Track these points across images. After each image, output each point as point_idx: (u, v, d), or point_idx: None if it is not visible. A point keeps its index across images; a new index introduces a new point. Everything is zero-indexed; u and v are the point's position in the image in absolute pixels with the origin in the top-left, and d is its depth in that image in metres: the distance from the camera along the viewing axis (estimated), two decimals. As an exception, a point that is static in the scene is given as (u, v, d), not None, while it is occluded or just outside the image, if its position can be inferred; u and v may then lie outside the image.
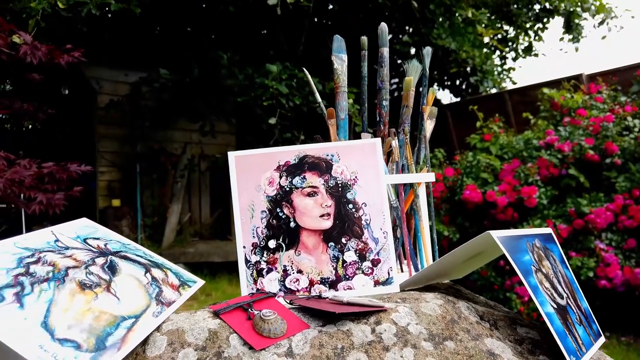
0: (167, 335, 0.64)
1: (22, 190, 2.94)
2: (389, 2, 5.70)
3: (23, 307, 0.56)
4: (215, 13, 5.83)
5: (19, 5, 3.81)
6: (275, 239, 0.81)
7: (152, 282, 0.72)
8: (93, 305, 0.61)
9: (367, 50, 1.13)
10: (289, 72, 5.25)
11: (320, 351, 0.64)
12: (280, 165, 0.83)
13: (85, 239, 0.75)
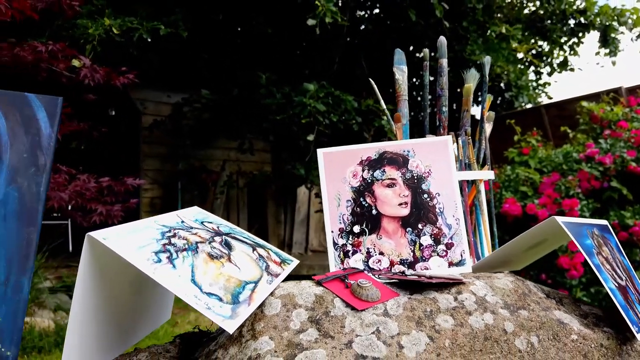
0: (280, 298, 0.76)
1: (84, 202, 3.15)
2: (422, 21, 5.83)
3: (175, 267, 0.69)
4: (253, 35, 6.08)
5: (77, 32, 4.10)
6: (359, 224, 0.92)
7: (260, 258, 0.84)
8: (222, 271, 0.74)
9: (428, 61, 1.25)
10: (325, 91, 5.41)
11: (412, 313, 0.74)
12: (362, 160, 0.95)
13: (202, 222, 0.87)
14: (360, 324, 0.72)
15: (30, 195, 1.16)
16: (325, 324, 0.72)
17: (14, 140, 1.20)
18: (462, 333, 0.72)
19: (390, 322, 0.72)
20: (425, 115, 1.24)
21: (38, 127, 1.25)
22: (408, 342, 0.70)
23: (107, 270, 0.71)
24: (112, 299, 0.75)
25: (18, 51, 3.38)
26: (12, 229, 1.09)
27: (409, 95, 1.25)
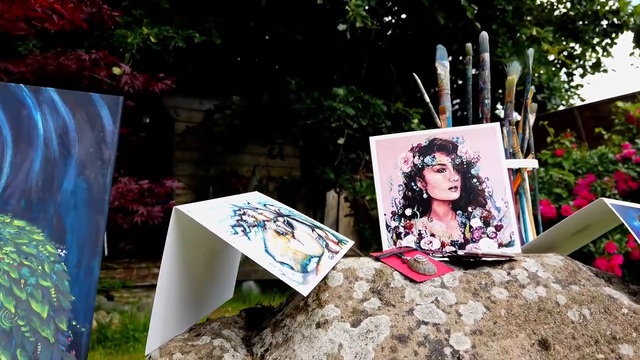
0: (342, 272, 0.81)
1: (127, 203, 3.28)
2: (451, 24, 5.85)
3: (250, 239, 0.75)
4: (283, 42, 6.20)
5: (117, 41, 4.28)
6: (411, 207, 0.97)
7: (319, 237, 0.89)
8: (289, 245, 0.80)
9: (471, 55, 1.29)
10: (354, 95, 5.47)
11: (468, 285, 0.78)
12: (413, 147, 1.00)
13: (265, 204, 0.94)
14: (420, 295, 0.77)
15: (97, 186, 1.25)
16: (386, 294, 0.77)
17: (81, 136, 1.30)
18: (517, 304, 0.76)
19: (448, 293, 0.77)
20: (469, 108, 1.28)
21: (102, 124, 1.34)
22: (466, 311, 0.74)
23: (187, 243, 0.78)
24: (190, 272, 0.81)
25: (63, 60, 3.55)
26: (82, 217, 1.18)
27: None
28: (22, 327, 1.01)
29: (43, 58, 3.56)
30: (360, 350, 0.69)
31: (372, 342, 0.69)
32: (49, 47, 4.76)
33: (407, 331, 0.71)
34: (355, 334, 0.71)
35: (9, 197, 1.15)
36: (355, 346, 0.69)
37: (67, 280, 1.08)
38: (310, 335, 0.72)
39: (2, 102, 1.27)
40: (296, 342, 0.73)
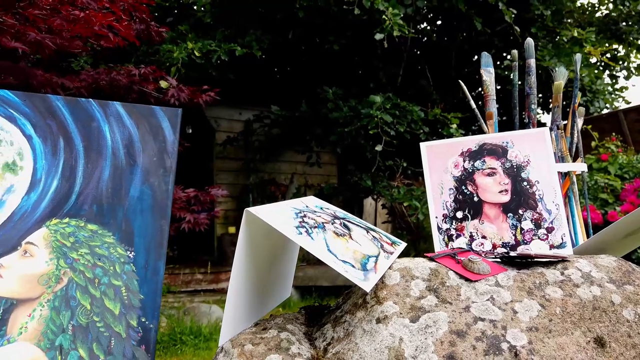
0: (398, 271, 0.86)
1: (175, 210, 3.42)
2: (489, 29, 5.80)
3: (313, 239, 0.80)
4: (320, 52, 6.30)
5: (164, 56, 4.47)
6: (462, 210, 1.01)
7: (374, 239, 0.94)
8: (348, 246, 0.85)
9: (517, 61, 1.32)
10: (391, 102, 5.49)
11: (522, 284, 0.81)
12: (463, 152, 1.03)
13: (321, 207, 0.99)
14: (475, 293, 0.80)
15: (161, 193, 1.34)
16: (442, 292, 0.81)
17: (145, 146, 1.40)
18: (572, 302, 0.78)
19: (503, 291, 0.80)
20: (515, 113, 1.30)
21: (164, 134, 1.44)
22: (521, 308, 0.77)
23: (255, 243, 0.84)
24: (256, 270, 0.88)
25: (115, 75, 3.75)
26: (148, 221, 1.27)
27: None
28: (97, 322, 1.10)
29: (96, 73, 3.77)
30: (420, 344, 0.73)
31: (432, 337, 0.73)
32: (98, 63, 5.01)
33: (464, 327, 0.74)
34: (414, 329, 0.75)
35: (83, 203, 1.25)
36: (415, 340, 0.73)
37: (136, 280, 1.17)
38: (371, 329, 0.77)
39: (73, 115, 1.39)
40: (357, 336, 0.77)
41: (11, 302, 1.07)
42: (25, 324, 1.06)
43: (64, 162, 1.30)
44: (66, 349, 1.05)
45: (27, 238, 1.16)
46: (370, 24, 5.14)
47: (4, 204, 1.21)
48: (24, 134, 1.32)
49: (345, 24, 5.69)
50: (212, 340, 3.69)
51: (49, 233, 1.17)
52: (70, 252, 1.16)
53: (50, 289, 1.11)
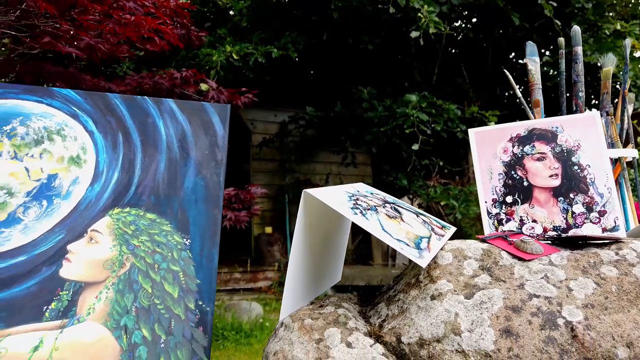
0: (450, 252, 0.88)
1: (216, 208, 3.50)
2: (527, 23, 5.69)
3: (368, 219, 0.84)
4: (354, 52, 6.33)
5: (204, 59, 4.59)
6: (512, 195, 1.02)
7: (424, 222, 0.96)
8: (401, 227, 0.87)
9: (564, 49, 1.31)
10: (427, 101, 5.46)
11: (576, 263, 0.82)
12: (512, 137, 1.04)
13: (372, 193, 1.03)
14: (529, 272, 0.82)
15: (213, 184, 1.40)
16: (495, 271, 0.83)
17: (197, 140, 1.47)
18: (627, 281, 0.79)
19: (557, 270, 0.81)
20: (562, 101, 1.30)
21: (214, 129, 1.50)
22: (576, 286, 0.78)
23: (311, 224, 0.88)
24: (312, 251, 0.92)
25: (158, 79, 3.88)
26: (202, 211, 1.33)
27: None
28: (158, 305, 1.16)
29: (139, 78, 3.92)
30: (476, 318, 0.75)
31: (487, 312, 0.75)
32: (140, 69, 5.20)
33: (519, 303, 0.76)
34: (469, 305, 0.77)
35: (141, 194, 1.32)
36: (471, 315, 0.75)
37: (192, 266, 1.23)
38: (426, 306, 0.79)
39: (130, 112, 1.47)
40: (412, 312, 0.80)
41: (80, 285, 1.15)
42: (93, 305, 1.14)
43: (123, 155, 1.38)
44: (130, 329, 1.12)
45: (92, 226, 1.24)
46: (405, 23, 5.14)
47: (70, 195, 1.29)
48: (86, 130, 1.40)
49: (379, 24, 5.70)
50: (252, 336, 3.77)
51: (112, 221, 1.25)
52: (131, 239, 1.23)
53: (114, 273, 1.18)
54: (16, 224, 1.22)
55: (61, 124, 1.39)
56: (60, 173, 1.32)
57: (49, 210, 1.25)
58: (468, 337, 0.72)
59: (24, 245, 1.19)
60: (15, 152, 1.33)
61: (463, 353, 0.71)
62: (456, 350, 0.72)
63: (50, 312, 1.12)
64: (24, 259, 1.18)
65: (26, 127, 1.38)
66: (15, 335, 1.08)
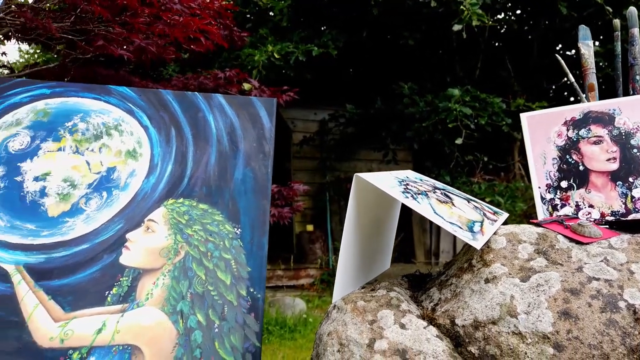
0: (504, 236, 0.87)
1: (260, 204, 3.56)
2: (575, 12, 5.48)
3: (419, 203, 0.84)
4: (395, 48, 6.28)
5: (246, 59, 4.68)
6: (567, 180, 0.99)
7: (476, 208, 0.95)
8: (453, 211, 0.87)
9: (619, 31, 1.27)
10: (470, 94, 5.35)
11: (638, 246, 0.79)
12: (567, 121, 1.02)
13: (421, 179, 1.03)
14: (587, 255, 0.80)
15: (261, 175, 1.44)
16: (552, 254, 0.81)
17: (245, 133, 1.51)
18: (695, 265, 0.76)
19: (617, 253, 0.79)
20: (619, 85, 1.25)
21: (261, 122, 1.54)
22: (638, 269, 0.75)
23: (361, 208, 0.89)
24: (362, 235, 0.93)
25: (202, 79, 3.99)
26: (251, 201, 1.37)
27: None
28: (212, 291, 1.20)
29: (185, 79, 4.04)
30: (533, 300, 0.74)
31: (544, 294, 0.74)
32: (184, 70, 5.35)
33: (578, 285, 0.74)
34: (525, 288, 0.76)
35: (194, 185, 1.37)
36: (527, 297, 0.74)
37: (243, 254, 1.27)
38: (480, 289, 0.79)
39: (182, 107, 1.53)
40: (466, 295, 0.80)
41: (138, 272, 1.21)
42: (151, 290, 1.19)
43: (176, 148, 1.43)
44: (186, 314, 1.17)
45: (149, 216, 1.29)
46: (447, 16, 5.05)
47: (128, 186, 1.36)
48: (141, 125, 1.47)
49: (419, 18, 5.63)
50: (296, 331, 3.81)
51: (167, 211, 1.30)
52: (185, 228, 1.28)
53: (170, 260, 1.23)
54: (79, 214, 1.30)
55: (118, 119, 1.46)
56: (118, 166, 1.39)
57: (109, 201, 1.32)
58: (525, 319, 0.72)
59: (87, 234, 1.26)
60: (77, 146, 1.41)
61: (520, 335, 0.71)
62: (512, 332, 0.71)
63: (111, 297, 1.18)
64: (87, 247, 1.24)
65: (86, 123, 1.45)
66: (80, 318, 1.15)
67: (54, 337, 1.11)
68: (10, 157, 1.36)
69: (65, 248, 1.23)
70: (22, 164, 1.35)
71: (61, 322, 1.13)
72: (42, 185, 1.33)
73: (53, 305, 1.15)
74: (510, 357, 0.69)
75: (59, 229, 1.26)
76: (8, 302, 1.15)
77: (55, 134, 1.41)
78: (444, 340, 0.75)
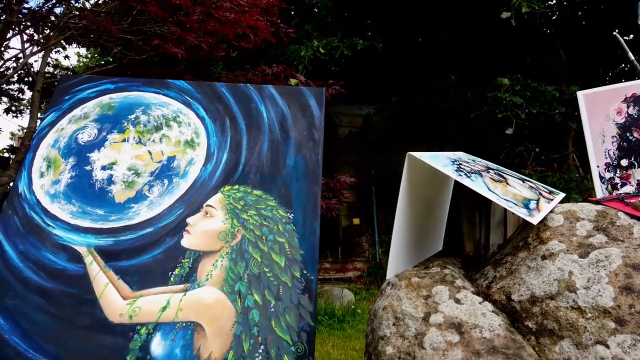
0: (561, 214, 0.86)
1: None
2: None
3: (473, 181, 0.85)
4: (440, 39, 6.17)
5: (292, 55, 4.74)
6: (627, 158, 0.97)
7: (531, 187, 0.95)
8: (507, 189, 0.87)
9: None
10: (521, 83, 5.18)
11: None
12: (627, 97, 0.99)
13: (473, 160, 1.03)
14: (650, 231, 0.78)
15: (312, 162, 1.47)
16: (612, 231, 0.80)
17: (296, 122, 1.54)
18: None
19: (684, 229, 0.76)
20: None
21: (311, 111, 1.57)
22: None
23: (415, 186, 0.91)
24: (414, 214, 0.94)
25: (251, 76, 4.08)
26: (303, 187, 1.41)
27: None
28: (267, 273, 1.25)
29: (234, 76, 4.14)
30: (592, 276, 0.73)
31: (604, 270, 0.73)
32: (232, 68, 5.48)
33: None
34: (584, 264, 0.75)
35: (248, 172, 1.43)
36: (587, 273, 0.74)
37: (296, 238, 1.31)
38: (537, 266, 0.79)
39: (235, 98, 1.59)
40: (522, 272, 0.80)
41: (198, 254, 1.27)
42: (210, 272, 1.25)
43: (231, 138, 1.49)
44: (244, 294, 1.22)
45: (207, 202, 1.36)
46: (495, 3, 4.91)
47: (187, 174, 1.43)
48: (198, 116, 1.54)
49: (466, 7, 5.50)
50: (345, 321, 3.84)
51: (224, 197, 1.36)
52: (241, 213, 1.34)
53: (227, 243, 1.29)
54: (143, 200, 1.38)
55: (176, 111, 1.54)
56: (177, 155, 1.46)
57: (170, 188, 1.40)
58: (584, 294, 0.71)
59: (151, 218, 1.34)
60: (140, 137, 1.50)
61: (579, 309, 0.70)
62: (571, 306, 0.71)
63: (174, 277, 1.25)
64: (151, 231, 1.32)
65: (147, 115, 1.54)
66: (146, 296, 1.22)
67: (123, 313, 1.19)
68: (80, 148, 1.47)
69: (132, 232, 1.32)
70: (91, 155, 1.45)
71: (129, 300, 1.21)
72: (109, 174, 1.42)
73: (122, 284, 1.24)
74: (569, 331, 0.69)
75: (125, 214, 1.35)
76: (81, 281, 1.24)
77: (119, 126, 1.51)
78: (499, 315, 0.75)
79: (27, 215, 1.34)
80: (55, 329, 1.17)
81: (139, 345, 1.14)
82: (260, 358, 1.14)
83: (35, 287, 1.23)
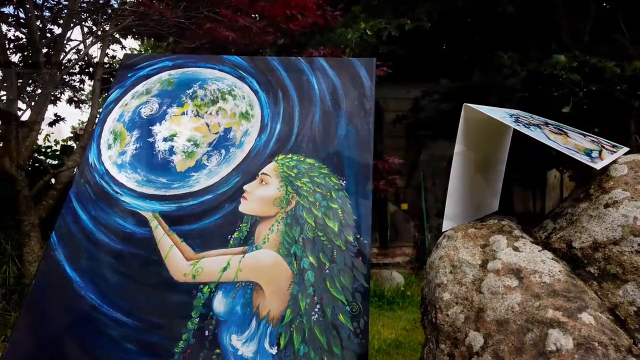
0: (625, 164, 0.83)
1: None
2: None
3: (532, 131, 0.84)
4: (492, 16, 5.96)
5: (339, 38, 4.74)
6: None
7: (593, 141, 0.92)
8: (567, 140, 0.86)
9: None
10: (578, 60, 4.94)
11: None
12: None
13: (531, 116, 1.01)
14: None
15: (363, 132, 1.49)
16: (681, 178, 0.77)
17: (347, 93, 1.56)
18: None
19: None
20: None
21: (362, 82, 1.58)
22: None
23: (471, 140, 0.91)
24: (470, 170, 0.94)
25: (298, 59, 4.12)
26: (354, 155, 1.43)
27: None
28: (321, 237, 1.28)
29: (282, 60, 4.20)
30: (659, 221, 0.71)
31: (673, 214, 0.71)
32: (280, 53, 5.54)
33: None
34: (651, 209, 0.73)
35: (301, 142, 1.46)
36: (653, 218, 0.72)
37: (349, 204, 1.33)
38: (599, 214, 0.77)
39: (287, 71, 1.62)
40: (583, 221, 0.78)
41: (255, 219, 1.32)
42: (267, 235, 1.30)
43: (283, 109, 1.53)
44: (299, 256, 1.26)
45: (262, 170, 1.41)
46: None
47: (243, 144, 1.48)
48: (252, 89, 1.59)
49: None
50: (394, 303, 3.85)
51: (278, 166, 1.41)
52: (295, 180, 1.38)
53: (282, 209, 1.33)
54: (202, 169, 1.45)
55: (231, 85, 1.59)
56: (233, 126, 1.52)
57: (227, 158, 1.46)
58: (650, 239, 0.69)
59: (210, 186, 1.41)
60: (197, 110, 1.57)
61: (645, 254, 0.69)
62: (636, 250, 0.69)
63: (233, 240, 1.31)
64: (210, 197, 1.39)
65: (204, 89, 1.60)
66: (208, 258, 1.29)
67: (187, 273, 1.26)
68: (143, 122, 1.55)
69: (193, 198, 1.39)
70: (153, 127, 1.53)
71: (192, 261, 1.28)
72: (170, 145, 1.49)
73: (185, 247, 1.31)
74: (634, 275, 0.68)
75: (186, 182, 1.42)
76: (148, 244, 1.32)
77: (178, 101, 1.58)
78: (560, 262, 0.75)
79: (97, 183, 1.43)
80: (126, 287, 1.26)
81: (202, 303, 1.21)
82: (316, 316, 1.18)
83: (106, 249, 1.32)
